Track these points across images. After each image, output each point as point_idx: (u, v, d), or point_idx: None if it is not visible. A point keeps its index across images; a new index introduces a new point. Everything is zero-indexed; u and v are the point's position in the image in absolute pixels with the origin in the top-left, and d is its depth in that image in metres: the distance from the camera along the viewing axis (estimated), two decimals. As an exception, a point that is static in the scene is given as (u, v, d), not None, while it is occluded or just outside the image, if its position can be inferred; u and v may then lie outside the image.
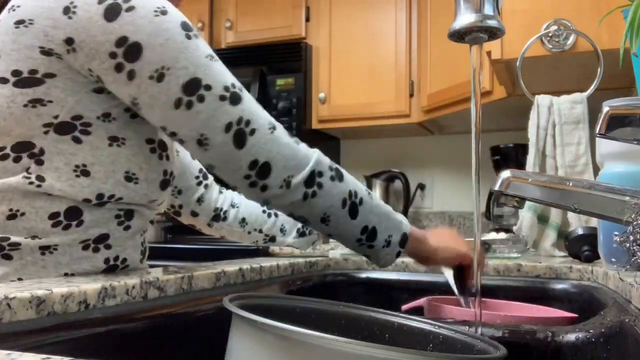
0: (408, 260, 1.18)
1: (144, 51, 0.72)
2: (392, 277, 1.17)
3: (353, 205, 0.82)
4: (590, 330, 0.70)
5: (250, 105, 0.77)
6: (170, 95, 0.73)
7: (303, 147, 0.81)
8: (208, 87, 0.74)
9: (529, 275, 1.09)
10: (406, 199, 2.63)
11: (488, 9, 0.67)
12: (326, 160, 0.82)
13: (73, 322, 0.55)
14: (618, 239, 0.65)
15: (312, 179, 0.79)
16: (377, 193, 2.56)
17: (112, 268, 0.79)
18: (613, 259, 0.93)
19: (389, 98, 2.48)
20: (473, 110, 0.79)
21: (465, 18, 0.68)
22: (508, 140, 2.24)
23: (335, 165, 0.83)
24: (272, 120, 0.79)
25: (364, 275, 1.19)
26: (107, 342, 0.59)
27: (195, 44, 0.75)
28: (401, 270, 1.17)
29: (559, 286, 1.05)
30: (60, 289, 0.54)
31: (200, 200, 1.11)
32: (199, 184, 1.11)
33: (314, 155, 0.81)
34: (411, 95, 2.45)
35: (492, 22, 0.67)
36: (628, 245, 0.64)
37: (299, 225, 1.17)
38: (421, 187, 2.71)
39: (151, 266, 0.87)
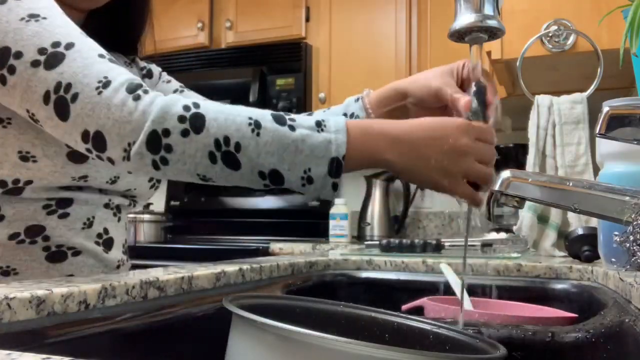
0: (408, 260, 1.18)
1: None
2: (392, 277, 1.17)
3: (227, 155, 0.63)
4: (590, 330, 0.70)
5: (75, 64, 0.64)
6: None
7: (145, 102, 0.63)
8: (18, 55, 0.64)
9: (529, 275, 1.09)
10: (406, 199, 2.63)
11: (488, 9, 0.67)
12: (176, 111, 0.63)
13: (73, 322, 0.55)
14: (618, 239, 0.65)
15: (155, 141, 0.62)
16: (377, 193, 2.56)
17: (56, 255, 0.77)
18: (613, 259, 0.93)
19: (389, 98, 2.47)
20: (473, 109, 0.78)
21: (465, 18, 0.68)
22: (508, 140, 2.24)
23: (192, 112, 0.64)
24: (110, 74, 0.64)
25: (364, 275, 1.19)
26: (107, 342, 0.59)
27: (8, 8, 0.66)
28: (401, 270, 1.17)
29: (559, 286, 1.05)
30: (60, 289, 0.54)
31: None
32: None
33: (154, 110, 0.62)
34: (411, 95, 2.45)
35: (492, 22, 0.68)
36: (628, 245, 0.64)
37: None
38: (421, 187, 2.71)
39: (151, 266, 0.86)
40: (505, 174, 0.68)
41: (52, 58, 0.64)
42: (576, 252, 1.16)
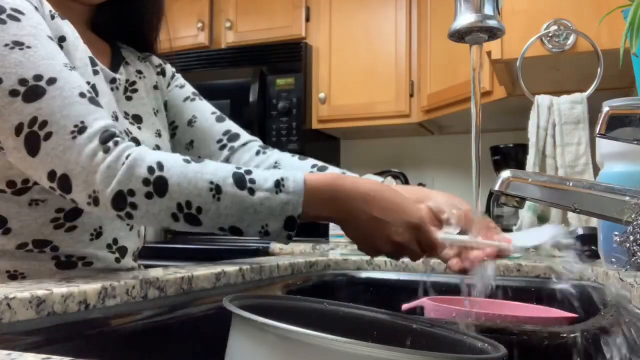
0: (408, 260, 1.17)
1: None
2: (392, 277, 1.17)
3: (188, 216, 0.67)
4: (590, 330, 0.70)
5: (55, 102, 0.64)
6: None
7: (113, 156, 0.64)
8: None
9: (529, 275, 1.09)
10: (406, 199, 2.63)
11: (488, 9, 0.68)
12: (140, 173, 0.65)
13: (73, 322, 0.55)
14: (618, 239, 0.65)
15: (121, 200, 0.65)
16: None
17: (66, 264, 0.77)
18: (613, 259, 0.93)
19: (389, 98, 2.48)
20: (473, 110, 0.79)
21: (465, 18, 0.68)
22: (508, 140, 2.24)
23: (156, 175, 0.66)
24: (87, 118, 0.65)
25: (364, 275, 1.19)
26: (107, 342, 0.59)
27: None
28: (401, 270, 1.17)
29: (559, 286, 1.05)
30: (60, 289, 0.54)
31: None
32: (222, 147, 0.98)
33: (120, 170, 0.64)
34: (411, 95, 2.45)
35: (492, 22, 0.68)
36: (628, 245, 0.64)
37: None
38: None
39: (151, 266, 0.86)
40: (505, 174, 0.68)
41: (32, 91, 0.64)
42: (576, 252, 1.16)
